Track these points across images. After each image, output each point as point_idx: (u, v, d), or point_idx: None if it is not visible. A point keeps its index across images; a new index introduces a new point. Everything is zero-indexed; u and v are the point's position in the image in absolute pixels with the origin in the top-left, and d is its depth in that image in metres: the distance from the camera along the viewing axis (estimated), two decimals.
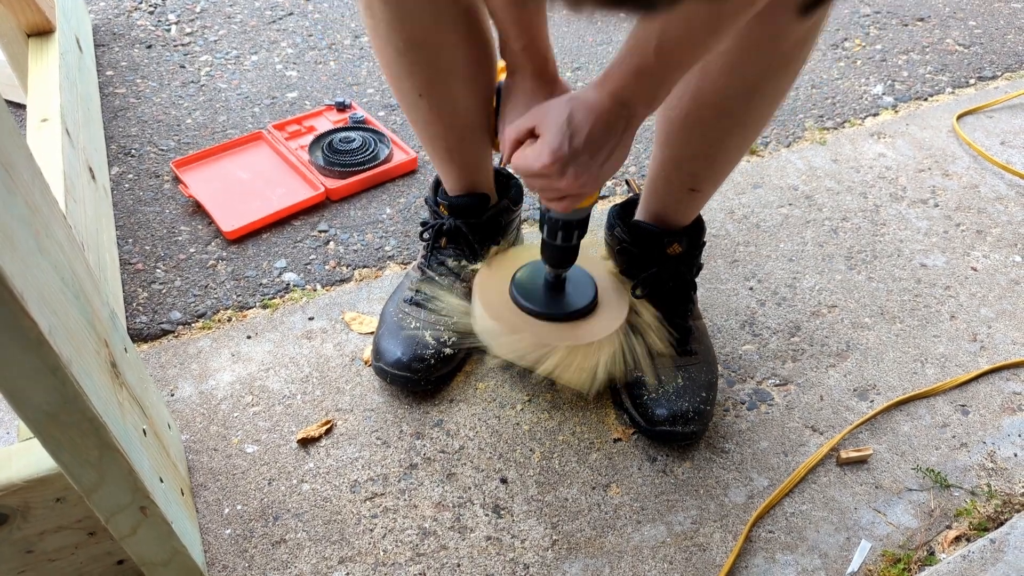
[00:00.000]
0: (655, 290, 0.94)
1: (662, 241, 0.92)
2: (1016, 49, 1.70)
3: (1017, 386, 1.01)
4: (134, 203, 1.26)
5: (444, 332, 0.96)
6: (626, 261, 0.97)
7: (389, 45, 0.81)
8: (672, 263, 0.93)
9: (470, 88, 0.85)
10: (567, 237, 0.85)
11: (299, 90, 1.53)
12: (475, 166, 0.94)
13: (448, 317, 0.96)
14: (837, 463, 0.92)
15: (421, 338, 0.95)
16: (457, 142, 0.89)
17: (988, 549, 0.81)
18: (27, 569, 0.70)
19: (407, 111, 0.88)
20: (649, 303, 0.94)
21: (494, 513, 0.87)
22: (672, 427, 0.89)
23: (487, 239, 0.99)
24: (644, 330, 0.94)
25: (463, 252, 0.98)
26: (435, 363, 0.95)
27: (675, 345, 0.94)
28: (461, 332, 0.96)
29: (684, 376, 0.92)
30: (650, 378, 0.92)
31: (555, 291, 0.92)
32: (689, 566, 0.82)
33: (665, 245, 0.92)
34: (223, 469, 0.90)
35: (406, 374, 0.94)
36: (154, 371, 1.00)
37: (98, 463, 0.60)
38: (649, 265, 0.94)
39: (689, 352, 0.94)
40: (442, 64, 0.81)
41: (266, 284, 1.13)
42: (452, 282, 0.98)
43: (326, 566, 0.82)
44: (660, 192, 0.91)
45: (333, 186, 1.27)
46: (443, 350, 0.95)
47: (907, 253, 1.20)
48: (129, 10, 1.74)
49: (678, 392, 0.91)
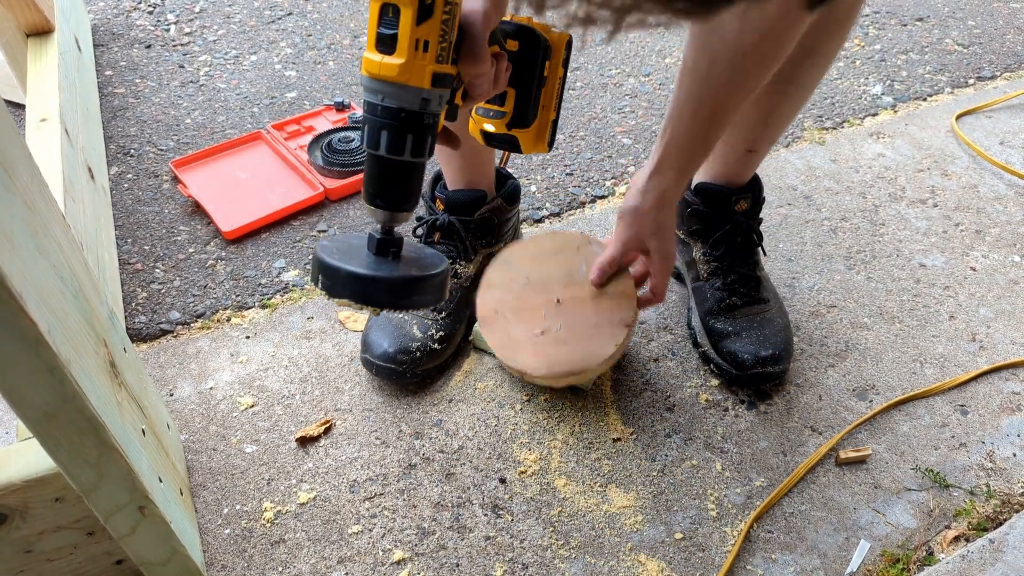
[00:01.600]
0: (728, 247, 1.00)
1: (730, 199, 0.98)
2: (1015, 49, 1.70)
3: (1016, 386, 1.01)
4: (133, 203, 1.26)
5: (432, 326, 0.97)
6: (697, 221, 1.01)
7: None
8: (741, 218, 0.99)
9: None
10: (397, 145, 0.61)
11: (298, 90, 1.53)
12: (477, 165, 0.95)
13: (439, 312, 0.97)
14: (836, 463, 0.92)
15: (408, 330, 0.96)
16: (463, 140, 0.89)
17: (987, 549, 0.81)
18: (26, 569, 0.70)
19: None
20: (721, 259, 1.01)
21: (493, 513, 0.87)
22: (764, 368, 0.95)
23: (480, 238, 1.00)
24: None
25: (455, 249, 0.99)
26: (421, 356, 0.95)
27: (749, 295, 0.99)
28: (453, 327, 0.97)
29: (762, 321, 0.98)
30: (730, 330, 0.98)
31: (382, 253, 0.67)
32: (688, 566, 0.82)
33: (733, 203, 0.98)
34: (222, 469, 0.90)
35: (391, 366, 0.94)
36: (153, 371, 1.00)
37: (97, 463, 0.60)
38: (721, 223, 0.99)
39: (762, 300, 1.00)
40: None
41: (265, 284, 1.13)
42: None
43: (325, 566, 0.82)
44: (719, 155, 0.96)
45: (332, 186, 1.27)
46: (430, 344, 0.96)
47: (906, 253, 1.20)
48: (128, 10, 1.74)
49: (762, 337, 0.96)
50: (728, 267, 1.00)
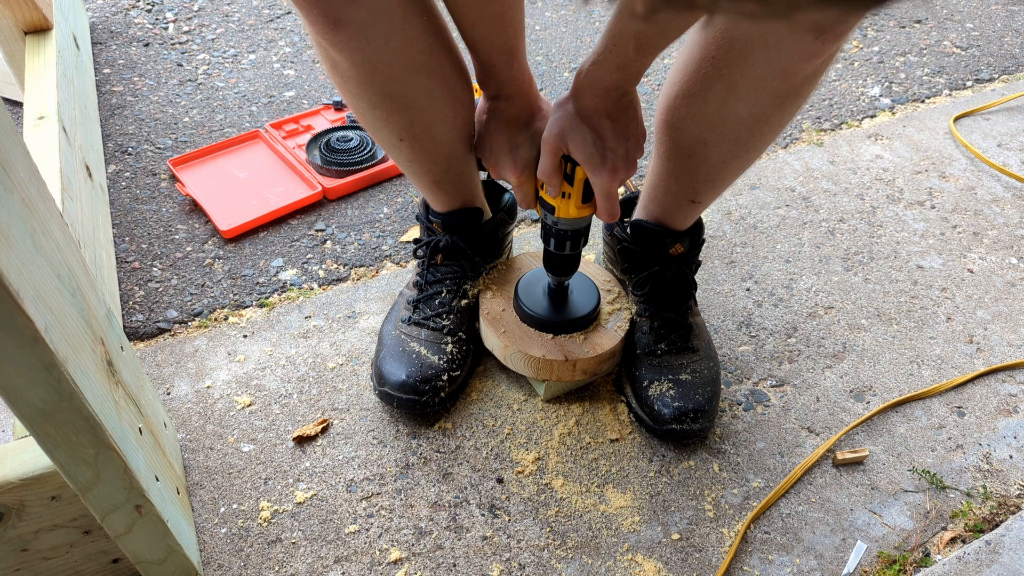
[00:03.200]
0: (655, 288, 0.94)
1: (664, 241, 0.92)
2: (1013, 51, 1.71)
3: (1013, 388, 1.01)
4: (131, 201, 1.26)
5: (449, 349, 0.94)
6: (627, 259, 0.97)
7: (361, 99, 0.77)
8: (674, 262, 0.93)
9: (451, 123, 0.82)
10: (574, 246, 0.86)
11: (297, 89, 1.53)
12: (464, 186, 0.91)
13: (452, 335, 0.94)
14: (833, 464, 0.92)
15: (425, 358, 0.92)
16: (443, 172, 0.87)
17: (983, 551, 0.81)
18: (22, 567, 0.70)
19: (388, 152, 0.86)
20: (648, 301, 0.95)
21: (490, 513, 0.87)
22: (680, 425, 0.89)
23: (485, 253, 0.97)
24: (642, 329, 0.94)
25: (462, 267, 0.96)
26: (443, 382, 0.92)
27: (677, 342, 0.94)
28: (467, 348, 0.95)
29: (688, 373, 0.92)
30: (654, 378, 0.92)
31: (561, 298, 0.93)
32: (685, 567, 0.82)
33: (668, 245, 0.92)
34: (219, 468, 0.90)
35: (413, 397, 0.90)
36: (150, 370, 1.00)
37: (93, 461, 0.60)
38: (651, 264, 0.94)
39: (691, 349, 0.94)
40: (419, 109, 0.78)
41: (263, 283, 1.13)
42: (452, 298, 0.96)
43: (322, 565, 0.82)
44: (660, 200, 0.91)
45: (330, 185, 1.27)
46: (450, 369, 0.93)
47: (904, 255, 1.20)
48: (127, 8, 1.74)
49: (684, 390, 0.91)
50: (655, 311, 0.95)
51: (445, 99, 0.79)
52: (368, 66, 0.73)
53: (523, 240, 1.22)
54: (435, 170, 0.87)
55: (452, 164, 0.87)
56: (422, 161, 0.85)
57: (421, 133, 0.81)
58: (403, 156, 0.85)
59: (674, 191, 0.88)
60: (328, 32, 0.69)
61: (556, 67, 1.64)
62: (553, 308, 0.92)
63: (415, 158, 0.84)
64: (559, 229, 0.84)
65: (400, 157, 0.85)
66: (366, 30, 0.69)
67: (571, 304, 0.93)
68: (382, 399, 0.93)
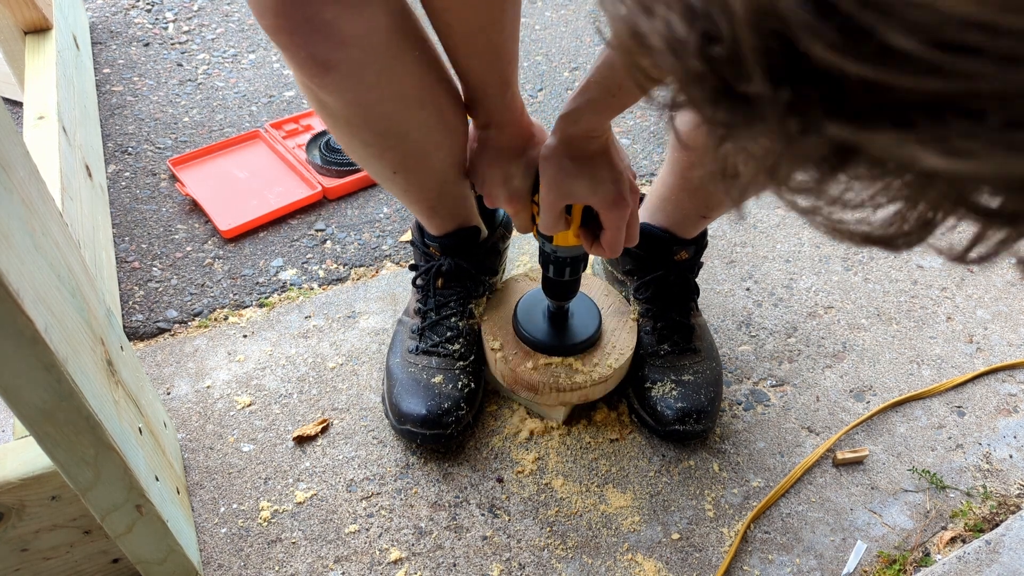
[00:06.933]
0: (658, 291, 0.94)
1: (671, 248, 0.92)
2: None
3: (1013, 387, 1.01)
4: (131, 201, 1.26)
5: (464, 376, 0.91)
6: (631, 262, 0.97)
7: (353, 139, 0.75)
8: (678, 268, 0.93)
9: (446, 151, 0.80)
10: (574, 271, 0.85)
11: (296, 89, 1.53)
12: (459, 208, 0.89)
13: (464, 359, 0.92)
14: (833, 464, 0.92)
15: (442, 387, 0.90)
16: (438, 199, 0.86)
17: (983, 550, 0.81)
18: (22, 567, 0.70)
19: (381, 183, 0.84)
20: (651, 303, 0.94)
21: (490, 513, 0.87)
22: (683, 426, 0.89)
23: (486, 271, 0.96)
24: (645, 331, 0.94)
25: (465, 288, 0.94)
26: (463, 411, 0.89)
27: (680, 343, 0.94)
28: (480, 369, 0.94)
29: (690, 374, 0.92)
30: (657, 379, 0.92)
31: (561, 321, 0.92)
32: (685, 567, 0.82)
33: (674, 252, 0.92)
34: (219, 468, 0.90)
35: (438, 431, 0.87)
36: (150, 369, 1.00)
37: (93, 461, 0.60)
38: (655, 268, 0.94)
39: (693, 350, 0.94)
40: (413, 142, 0.76)
41: (263, 283, 1.13)
42: (459, 320, 0.93)
43: (322, 565, 0.82)
44: (670, 212, 0.90)
45: (330, 185, 1.27)
46: (469, 397, 0.90)
47: (903, 254, 1.20)
48: (126, 8, 1.74)
49: (686, 391, 0.91)
50: (658, 312, 0.94)
51: (439, 129, 0.76)
52: (360, 106, 0.69)
53: (521, 242, 1.21)
54: (430, 196, 0.85)
55: (446, 189, 0.85)
56: (417, 190, 0.83)
57: (415, 165, 0.79)
58: (398, 187, 0.83)
59: (686, 206, 0.88)
60: (317, 76, 0.65)
61: (556, 67, 1.64)
62: (554, 332, 0.90)
63: (410, 188, 0.83)
64: (558, 256, 0.83)
65: (395, 188, 0.83)
66: (358, 71, 0.65)
67: (572, 327, 0.91)
68: (404, 437, 0.90)
